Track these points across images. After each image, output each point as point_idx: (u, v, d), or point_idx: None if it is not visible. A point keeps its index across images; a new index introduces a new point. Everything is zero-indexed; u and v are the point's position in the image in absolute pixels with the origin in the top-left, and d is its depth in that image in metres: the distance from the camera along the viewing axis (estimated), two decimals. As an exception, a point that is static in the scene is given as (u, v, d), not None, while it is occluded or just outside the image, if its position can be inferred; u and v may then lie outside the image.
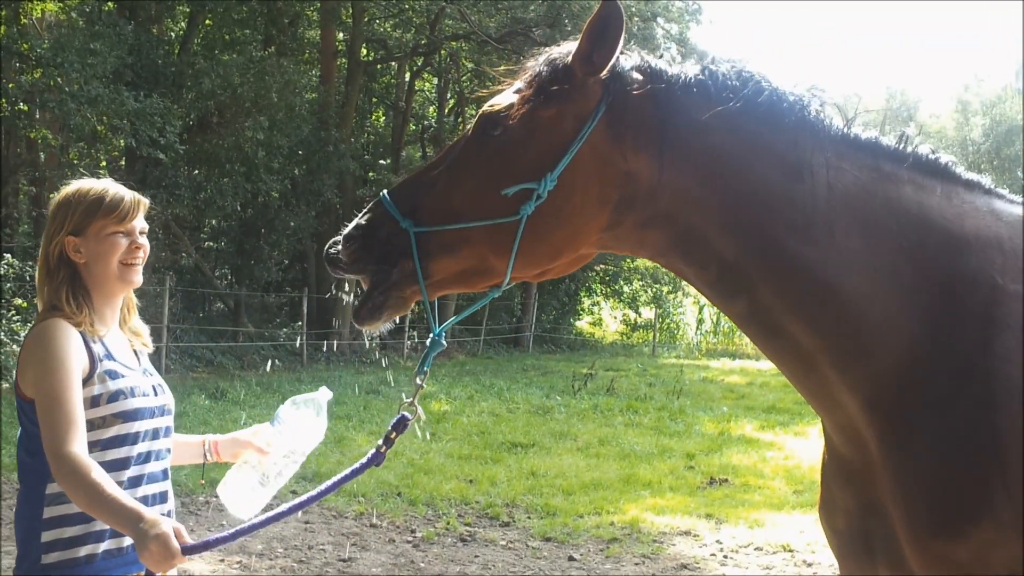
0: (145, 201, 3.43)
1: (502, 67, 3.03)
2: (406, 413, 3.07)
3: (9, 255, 19.16)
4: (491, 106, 2.83)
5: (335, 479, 3.12)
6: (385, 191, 2.86)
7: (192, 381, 19.57)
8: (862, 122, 2.84)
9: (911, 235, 2.63)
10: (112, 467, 3.16)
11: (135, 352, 3.48)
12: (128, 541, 3.16)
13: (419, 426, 2.88)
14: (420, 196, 2.81)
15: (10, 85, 20.34)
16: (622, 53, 2.75)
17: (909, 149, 2.74)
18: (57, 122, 22.43)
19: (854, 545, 2.80)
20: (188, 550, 2.87)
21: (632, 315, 42.48)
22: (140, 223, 3.40)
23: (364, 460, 3.09)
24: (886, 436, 2.59)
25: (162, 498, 3.37)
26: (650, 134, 2.69)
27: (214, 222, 28.07)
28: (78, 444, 3.02)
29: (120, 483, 3.15)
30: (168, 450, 3.46)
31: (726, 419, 17.95)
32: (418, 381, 3.05)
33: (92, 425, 3.15)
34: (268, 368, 22.52)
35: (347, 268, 2.81)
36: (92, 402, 3.17)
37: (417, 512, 10.37)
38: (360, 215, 2.86)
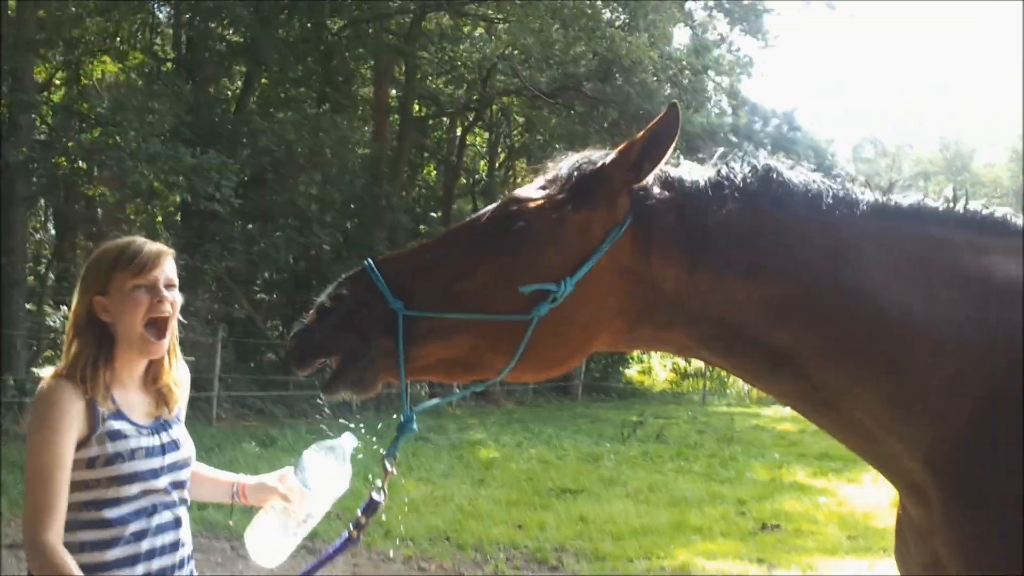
0: (168, 252, 3.36)
1: (554, 123, 2.98)
2: (375, 496, 3.02)
3: (65, 307, 19.58)
4: (517, 198, 2.76)
5: (307, 567, 3.18)
6: (370, 259, 2.71)
7: (243, 429, 19.75)
8: (902, 185, 2.78)
9: (974, 299, 2.57)
10: (109, 524, 3.18)
11: (162, 413, 3.41)
12: None
13: (383, 515, 2.89)
14: (416, 277, 2.69)
15: (70, 144, 20.91)
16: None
17: (959, 208, 2.68)
18: (115, 179, 22.97)
19: None
20: None
21: (682, 363, 42.17)
22: (166, 275, 3.32)
23: (337, 544, 3.09)
24: (947, 498, 2.54)
25: (172, 548, 3.35)
26: (676, 243, 2.64)
27: (267, 275, 28.43)
28: (52, 532, 3.02)
29: (120, 538, 3.18)
30: (184, 500, 3.44)
31: (778, 466, 17.76)
32: (387, 465, 2.96)
33: (87, 485, 3.16)
34: (321, 418, 22.61)
35: (320, 348, 2.67)
36: (88, 463, 3.16)
37: (465, 556, 10.39)
38: (337, 283, 2.73)
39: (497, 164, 37.61)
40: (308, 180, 24.72)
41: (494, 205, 2.80)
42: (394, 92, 31.66)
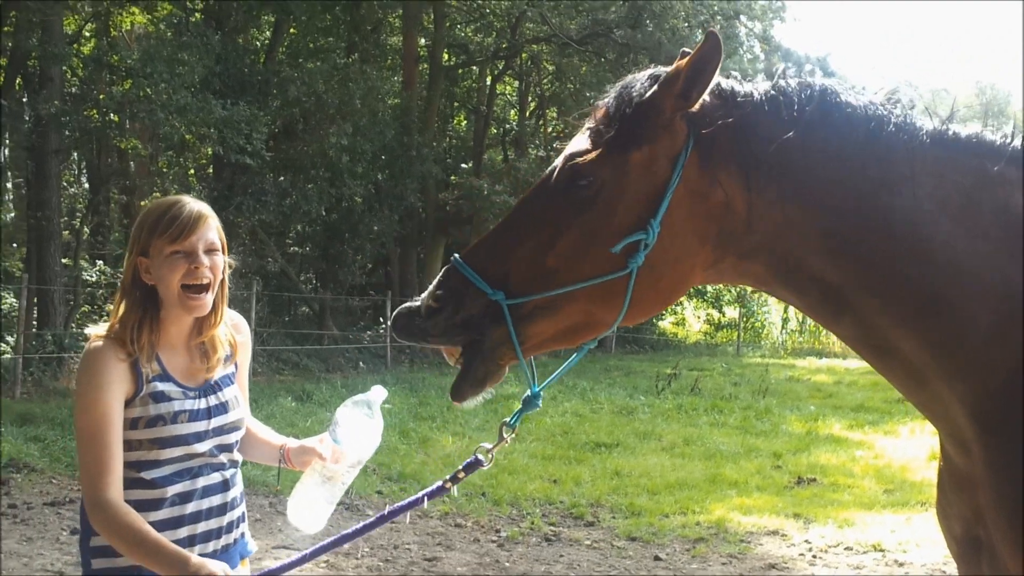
0: (209, 215, 3.28)
1: (585, 71, 2.92)
2: (480, 457, 3.10)
3: (101, 262, 19.68)
4: (573, 155, 2.69)
5: (395, 507, 3.20)
6: (458, 256, 2.70)
7: (279, 384, 19.87)
8: (960, 117, 2.66)
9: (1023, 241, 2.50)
10: (152, 486, 3.17)
11: (205, 369, 3.37)
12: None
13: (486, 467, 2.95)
14: (506, 260, 2.66)
15: (101, 96, 20.90)
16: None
17: (1017, 144, 2.58)
18: (147, 132, 22.97)
19: (967, 551, 2.71)
20: None
21: (716, 314, 42.03)
22: (206, 240, 3.26)
23: (429, 490, 3.14)
24: (991, 447, 2.50)
25: (220, 511, 3.33)
26: (738, 161, 2.59)
27: (299, 227, 28.46)
28: (112, 490, 3.02)
29: (164, 499, 3.17)
30: (234, 462, 3.42)
31: (813, 418, 17.69)
32: (503, 433, 3.05)
33: (131, 446, 3.15)
34: (357, 372, 22.76)
35: (435, 340, 2.69)
36: (131, 424, 3.15)
37: (502, 512, 10.40)
38: (434, 285, 2.72)
39: (527, 113, 37.36)
40: (338, 131, 24.61)
41: (554, 166, 2.74)
42: (423, 41, 31.45)
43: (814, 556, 9.11)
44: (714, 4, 29.01)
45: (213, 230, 3.29)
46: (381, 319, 27.12)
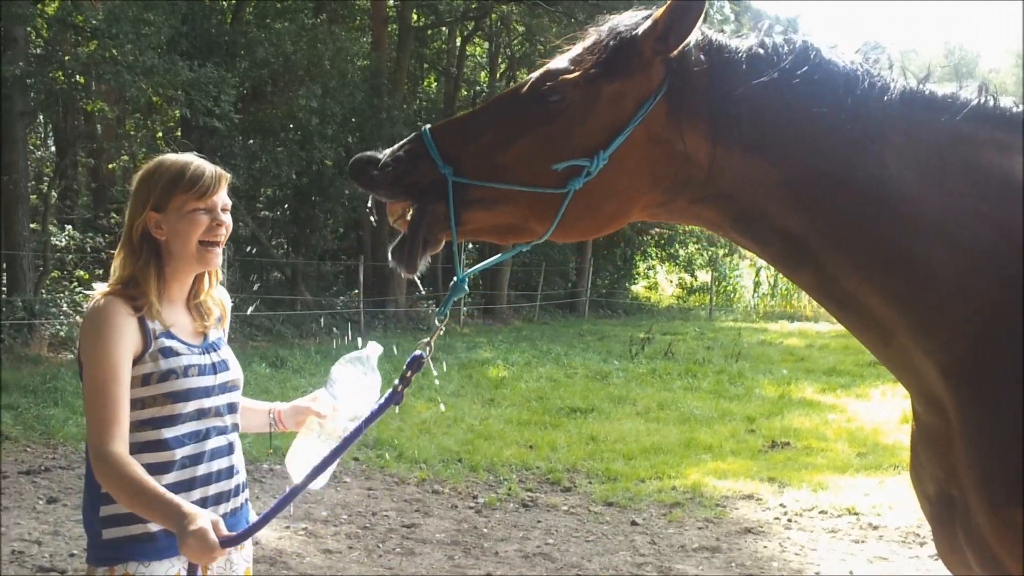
0: (227, 176, 3.35)
1: (555, 32, 2.92)
2: (420, 352, 3.07)
3: (70, 227, 19.41)
4: (551, 71, 2.74)
5: (358, 424, 3.14)
6: (427, 127, 2.78)
7: (252, 350, 19.74)
8: (936, 79, 2.67)
9: (991, 199, 2.50)
10: (166, 446, 3.16)
11: (204, 328, 3.40)
12: None
13: (434, 369, 2.93)
14: (465, 144, 2.74)
15: (66, 58, 20.54)
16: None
17: (990, 104, 2.58)
18: (113, 94, 22.62)
19: (940, 511, 2.72)
20: (226, 543, 2.88)
21: (688, 279, 42.21)
22: (222, 199, 3.31)
23: (383, 400, 3.10)
24: (963, 403, 2.50)
25: (228, 473, 3.35)
26: (709, 114, 2.61)
27: (269, 191, 28.21)
28: (118, 442, 3.02)
29: (175, 461, 3.17)
30: (235, 425, 3.43)
31: (786, 382, 17.80)
32: (437, 323, 3.06)
33: (143, 403, 3.14)
34: (330, 337, 22.67)
35: (379, 191, 2.77)
36: (143, 380, 3.14)
37: (478, 478, 10.39)
38: (398, 145, 2.79)
39: (498, 75, 37.09)
40: (308, 93, 24.36)
41: (534, 75, 2.79)
42: (392, 1, 31.09)
43: (789, 520, 9.17)
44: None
45: (226, 190, 3.36)
46: (353, 284, 26.98)
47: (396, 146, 2.80)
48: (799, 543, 8.49)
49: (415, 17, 31.88)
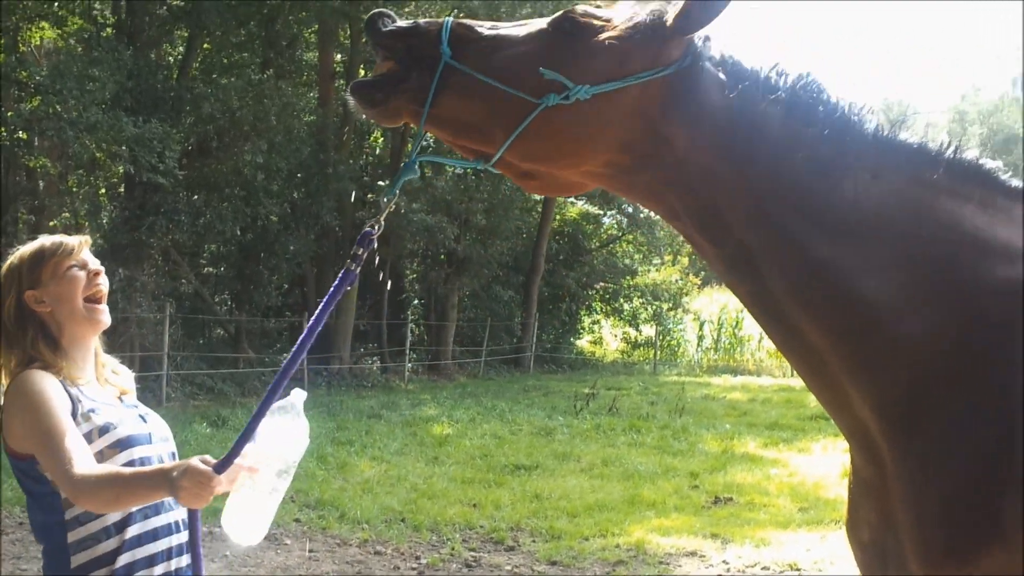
0: (87, 238, 3.41)
1: None
2: (369, 229, 3.14)
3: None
4: (590, 11, 2.84)
5: (320, 307, 3.16)
6: (452, 19, 2.88)
7: (193, 409, 19.50)
8: (911, 125, 2.82)
9: (940, 243, 2.59)
10: None
11: (115, 394, 3.42)
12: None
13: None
14: (473, 39, 2.83)
15: (9, 113, 20.37)
16: (714, 34, 2.78)
17: (953, 156, 2.70)
18: (56, 150, 22.43)
19: (874, 559, 2.75)
20: (219, 468, 2.95)
21: (633, 333, 42.38)
22: (92, 258, 3.37)
23: (337, 282, 3.14)
24: (900, 448, 2.54)
25: (176, 527, 3.34)
26: (699, 112, 2.71)
27: (213, 247, 28.02)
28: (84, 463, 3.00)
29: (135, 514, 3.17)
30: None
31: (729, 437, 17.88)
32: (385, 199, 3.13)
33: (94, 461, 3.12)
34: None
35: (380, 40, 2.85)
36: (86, 439, 3.13)
37: (421, 538, 10.32)
38: (424, 21, 2.89)
39: (444, 131, 37.24)
40: (253, 148, 24.32)
41: (569, 9, 2.88)
42: (339, 57, 31.22)
43: (732, 577, 9.21)
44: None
45: (89, 252, 3.41)
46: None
47: (423, 21, 2.91)
48: (741, 601, 8.53)
49: (362, 73, 32.01)
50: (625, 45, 2.73)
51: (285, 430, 3.43)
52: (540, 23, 2.87)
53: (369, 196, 30.50)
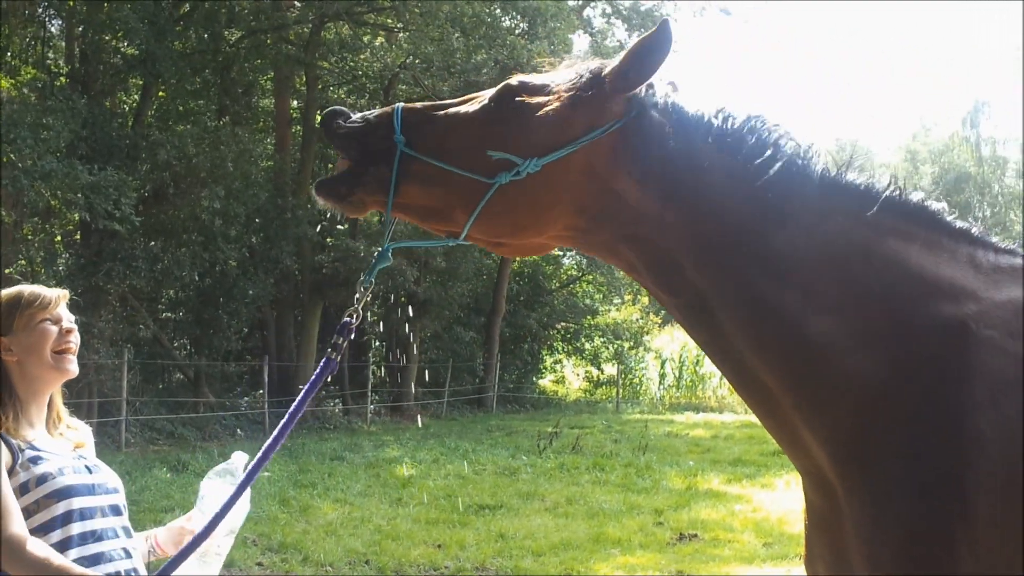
0: (65, 293, 3.44)
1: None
2: (348, 319, 3.15)
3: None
4: (525, 81, 2.91)
5: (296, 402, 3.16)
6: (402, 104, 2.97)
7: (153, 455, 19.27)
8: (861, 166, 2.88)
9: (885, 283, 2.64)
10: (61, 547, 3.11)
11: (67, 446, 3.40)
12: None
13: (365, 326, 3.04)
14: (424, 123, 2.91)
15: (-38, 162, 20.20)
16: (657, 82, 2.84)
17: (898, 197, 2.75)
18: (11, 198, 22.22)
19: None
20: None
21: (595, 372, 42.45)
22: (67, 314, 3.40)
23: (318, 371, 3.15)
24: (851, 486, 2.57)
25: (120, 555, 3.30)
26: (649, 165, 2.76)
27: (172, 293, 27.83)
28: (16, 525, 2.99)
29: (71, 537, 3.13)
30: (126, 529, 3.39)
31: (693, 473, 17.90)
32: (362, 289, 3.14)
33: (28, 512, 3.11)
34: (234, 439, 22.25)
35: (336, 142, 2.94)
36: (21, 490, 3.12)
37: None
38: (373, 111, 2.99)
39: (403, 174, 37.35)
40: (211, 194, 24.23)
41: (506, 82, 2.95)
42: (295, 103, 31.29)
43: (698, 613, 9.19)
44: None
45: (66, 306, 3.44)
46: (258, 384, 26.57)
47: (371, 111, 3.00)
48: (708, 635, 8.52)
49: (319, 118, 32.05)
50: (566, 111, 2.80)
51: (228, 494, 3.44)
52: (485, 96, 2.95)
53: (328, 239, 30.49)
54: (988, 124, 72.26)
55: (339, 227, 31.09)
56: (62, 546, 3.12)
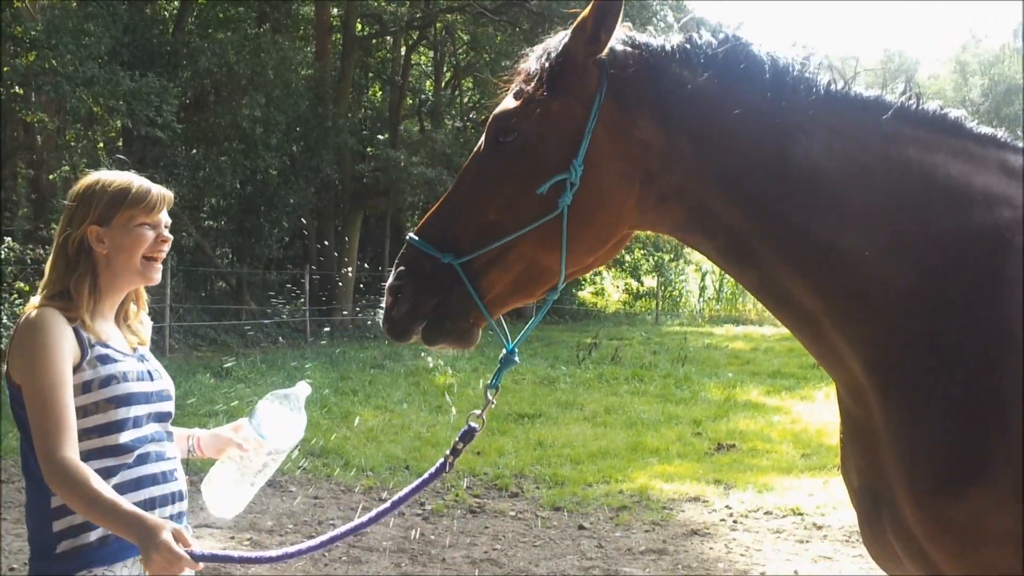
0: (170, 195, 3.38)
1: (500, 40, 3.03)
2: (473, 424, 3.11)
3: (9, 238, 19.12)
4: (498, 114, 2.82)
5: (401, 494, 3.17)
6: (412, 234, 2.83)
7: (196, 360, 19.56)
8: (864, 81, 2.81)
9: (913, 194, 2.59)
10: (110, 453, 3.13)
11: (132, 344, 3.39)
12: None
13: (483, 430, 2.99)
14: (451, 226, 2.79)
15: (5, 69, 20.24)
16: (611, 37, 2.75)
17: (914, 106, 2.68)
18: (53, 104, 22.34)
19: (865, 501, 2.78)
20: (199, 557, 2.89)
21: (634, 284, 42.38)
22: (166, 217, 3.35)
23: (432, 470, 3.16)
24: (887, 395, 2.57)
25: (168, 477, 3.31)
26: (651, 105, 2.69)
27: (213, 201, 27.96)
28: (70, 448, 2.99)
29: (123, 466, 3.14)
30: (169, 434, 3.41)
31: (731, 385, 17.96)
32: (489, 396, 3.08)
33: (85, 411, 3.11)
34: (276, 347, 22.52)
35: (410, 319, 2.79)
36: (84, 388, 3.12)
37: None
38: (395, 267, 2.84)
39: (443, 83, 37.08)
40: (251, 102, 24.24)
41: (489, 121, 2.86)
42: (335, 11, 30.99)
43: (735, 521, 9.25)
44: (628, -27, 28.99)
45: (168, 209, 3.39)
46: (299, 292, 26.82)
47: (394, 269, 2.84)
48: (745, 544, 8.58)
49: (359, 27, 31.79)
50: (557, 104, 2.73)
51: (284, 418, 3.49)
52: (475, 158, 2.85)
53: (368, 149, 30.41)
54: (1040, 36, 70.28)
55: (379, 137, 31.02)
56: (119, 451, 3.14)
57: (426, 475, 3.16)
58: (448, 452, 3.12)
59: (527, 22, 29.64)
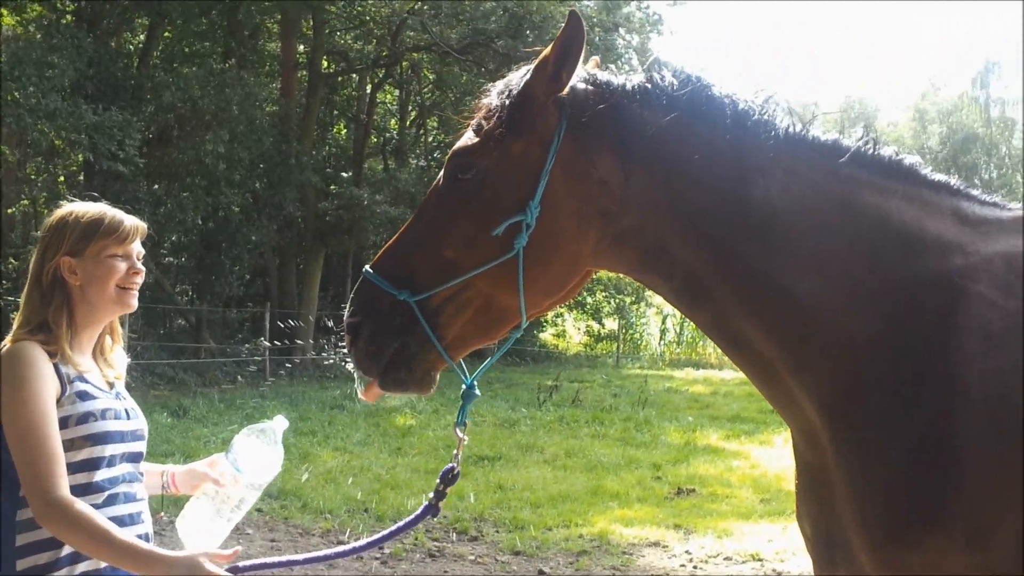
0: (144, 226, 3.37)
1: (465, 80, 3.04)
2: (452, 464, 3.15)
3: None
4: (456, 150, 2.82)
5: (386, 532, 3.22)
6: (368, 267, 2.80)
7: (153, 399, 19.31)
8: (823, 126, 2.86)
9: (867, 239, 2.62)
10: (80, 491, 3.08)
11: (110, 379, 3.38)
12: (103, 564, 3.11)
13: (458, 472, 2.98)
14: (408, 262, 2.78)
15: (-34, 100, 20.11)
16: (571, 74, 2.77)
17: (871, 151, 2.72)
18: (15, 137, 22.14)
19: (819, 549, 2.79)
20: (233, 570, 2.95)
21: (596, 326, 42.46)
22: (138, 248, 3.34)
23: (418, 512, 3.18)
24: (841, 441, 2.58)
25: (135, 519, 3.28)
26: (611, 144, 2.70)
27: (174, 237, 27.77)
28: (64, 486, 2.97)
29: (93, 506, 3.08)
30: (142, 474, 3.39)
31: (691, 429, 17.96)
32: (459, 434, 3.09)
33: (63, 448, 3.07)
34: (234, 386, 22.30)
35: (372, 362, 2.77)
36: (62, 423, 3.08)
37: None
38: (349, 302, 2.82)
39: (408, 122, 37.17)
40: (215, 138, 24.14)
41: (448, 158, 2.85)
42: (302, 47, 31.02)
43: (695, 567, 9.23)
44: (593, 16, 29.24)
45: (140, 240, 3.39)
46: (259, 331, 26.61)
47: (349, 302, 2.83)
48: (704, 590, 8.56)
49: (325, 63, 31.85)
50: (517, 144, 2.73)
51: (260, 453, 3.47)
52: (434, 193, 2.84)
53: (332, 187, 30.37)
54: (998, 85, 71.78)
55: (343, 175, 30.99)
56: (89, 489, 3.11)
57: (411, 517, 3.18)
58: (432, 494, 3.14)
59: (492, 62, 29.81)
